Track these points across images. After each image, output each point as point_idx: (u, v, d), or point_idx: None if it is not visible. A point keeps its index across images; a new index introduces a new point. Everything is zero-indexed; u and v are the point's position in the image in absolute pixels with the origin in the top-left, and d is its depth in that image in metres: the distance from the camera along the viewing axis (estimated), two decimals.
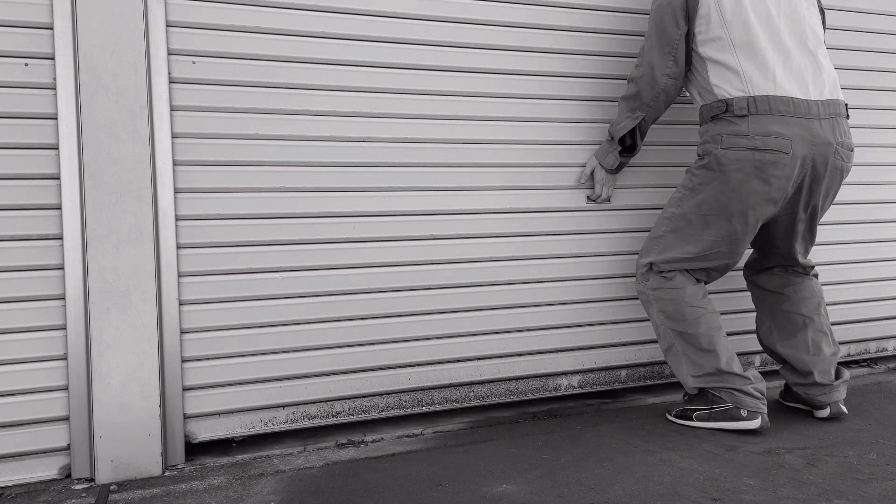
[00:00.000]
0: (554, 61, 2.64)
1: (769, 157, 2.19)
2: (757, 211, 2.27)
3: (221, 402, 2.24)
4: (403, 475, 1.98)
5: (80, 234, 2.04)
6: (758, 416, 2.24)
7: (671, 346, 2.39)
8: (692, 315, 2.33)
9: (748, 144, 2.20)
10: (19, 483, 2.01)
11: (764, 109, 2.19)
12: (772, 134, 2.18)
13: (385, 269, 2.42)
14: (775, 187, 2.22)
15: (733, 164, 2.22)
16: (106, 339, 2.03)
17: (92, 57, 2.03)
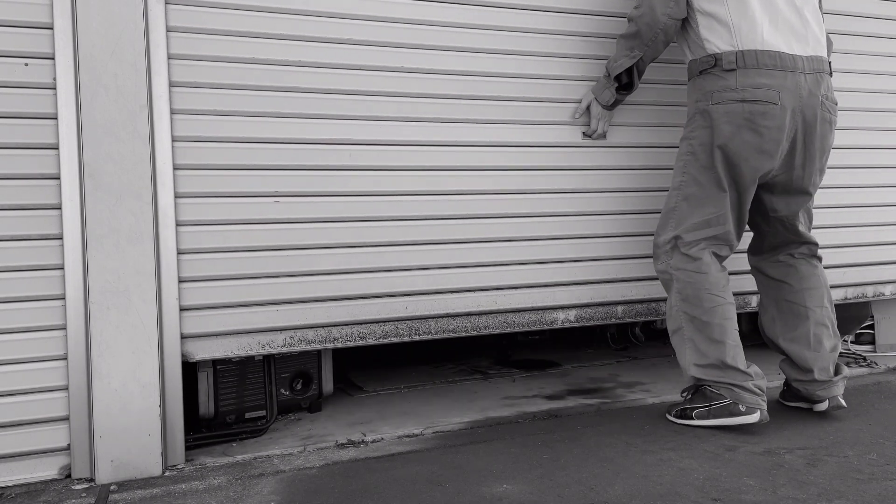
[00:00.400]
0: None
1: (759, 108, 2.26)
2: (751, 163, 2.31)
3: (218, 324, 2.22)
4: (403, 475, 1.98)
5: (80, 234, 2.04)
6: (756, 410, 2.25)
7: (679, 328, 2.40)
8: (710, 303, 2.33)
9: (737, 97, 2.27)
10: (19, 483, 2.01)
11: (752, 63, 2.26)
12: (759, 85, 2.25)
13: (382, 197, 2.43)
14: (767, 139, 2.28)
15: (724, 117, 2.29)
16: (106, 339, 2.03)
17: (92, 57, 2.03)
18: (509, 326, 2.61)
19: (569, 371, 3.36)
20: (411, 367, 3.60)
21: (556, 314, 2.69)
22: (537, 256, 2.65)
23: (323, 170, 2.36)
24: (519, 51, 2.61)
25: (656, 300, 2.84)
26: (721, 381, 2.30)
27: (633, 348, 3.82)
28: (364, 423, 2.53)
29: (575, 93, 2.69)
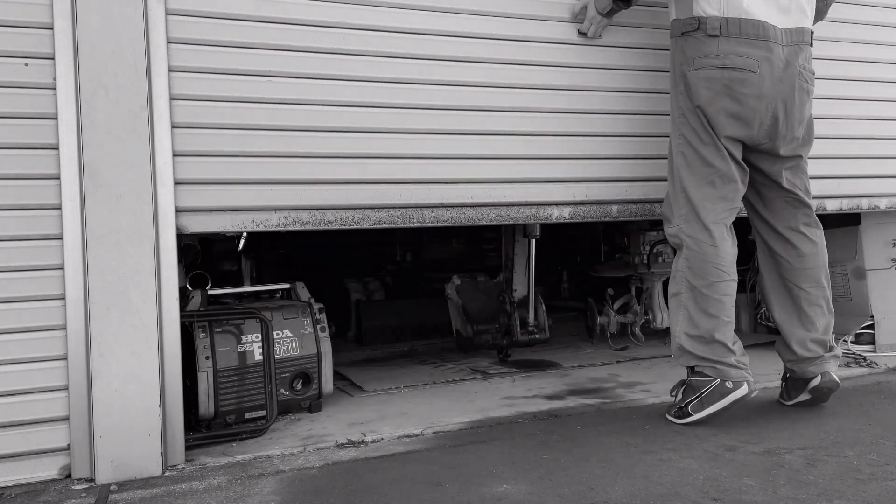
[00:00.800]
0: None
1: (737, 76, 2.31)
2: (727, 129, 2.34)
3: (213, 199, 2.22)
4: (403, 475, 1.98)
5: (80, 234, 2.04)
6: (743, 382, 2.30)
7: (678, 293, 2.42)
8: (714, 277, 2.35)
9: (717, 63, 2.32)
10: (19, 483, 2.01)
11: (734, 32, 2.30)
12: (739, 54, 2.30)
13: (376, 84, 2.43)
14: (745, 106, 2.32)
15: (703, 82, 2.34)
16: (106, 339, 2.02)
17: (92, 57, 2.03)
18: (503, 220, 2.61)
19: (569, 371, 3.36)
20: (411, 367, 3.60)
21: (551, 210, 2.68)
22: (532, 152, 2.64)
23: (318, 52, 2.34)
24: None
25: (651, 201, 2.83)
26: (705, 356, 2.34)
27: (633, 348, 3.82)
28: (364, 423, 2.53)
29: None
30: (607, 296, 3.98)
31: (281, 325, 2.62)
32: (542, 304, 3.46)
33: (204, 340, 2.43)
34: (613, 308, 3.86)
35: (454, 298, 3.70)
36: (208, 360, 2.41)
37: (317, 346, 2.67)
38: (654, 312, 3.83)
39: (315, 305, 2.75)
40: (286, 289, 2.96)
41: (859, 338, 3.51)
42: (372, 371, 3.52)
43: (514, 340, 3.33)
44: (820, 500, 1.71)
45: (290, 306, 2.70)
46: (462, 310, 3.63)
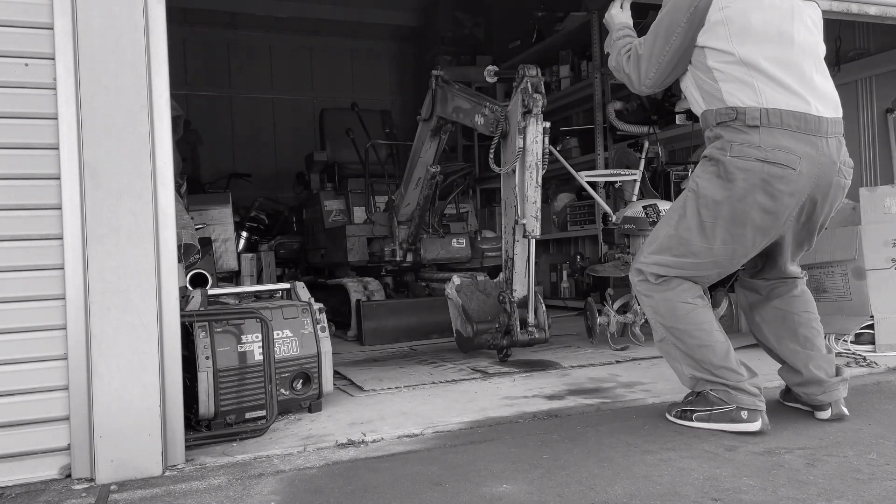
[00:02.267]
0: None
1: (777, 171, 2.16)
2: (756, 223, 2.23)
3: None
4: (403, 475, 1.98)
5: (80, 234, 2.04)
6: (758, 417, 2.24)
7: (663, 339, 2.41)
8: (682, 311, 2.33)
9: (758, 156, 2.16)
10: (20, 483, 2.01)
11: (776, 123, 2.16)
12: (782, 148, 2.16)
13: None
14: (780, 203, 2.20)
15: (741, 173, 2.18)
16: (106, 338, 2.02)
17: (92, 57, 2.03)
18: None
19: (569, 371, 3.36)
20: (411, 367, 3.60)
21: None
22: None
23: None
24: None
25: None
26: (717, 381, 2.29)
27: (633, 348, 3.82)
28: (364, 423, 2.53)
29: None
30: (607, 296, 3.98)
31: (281, 325, 2.62)
32: (542, 304, 3.46)
33: (204, 340, 2.43)
34: (613, 308, 3.86)
35: (454, 298, 3.70)
36: (208, 360, 2.41)
37: (317, 346, 2.67)
38: None
39: (315, 305, 2.75)
40: (286, 289, 2.96)
41: (859, 338, 3.51)
42: (372, 371, 3.52)
43: (514, 340, 3.33)
44: (820, 500, 1.71)
45: (290, 306, 2.70)
46: (462, 310, 3.63)
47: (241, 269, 5.43)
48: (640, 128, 5.33)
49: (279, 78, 9.16)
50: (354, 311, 4.63)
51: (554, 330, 4.31)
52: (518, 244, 3.35)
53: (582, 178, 4.18)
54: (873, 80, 4.46)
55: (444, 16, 8.41)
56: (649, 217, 3.75)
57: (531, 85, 3.19)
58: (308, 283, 3.29)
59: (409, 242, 4.86)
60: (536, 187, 3.23)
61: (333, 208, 5.53)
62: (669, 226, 2.38)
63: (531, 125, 3.20)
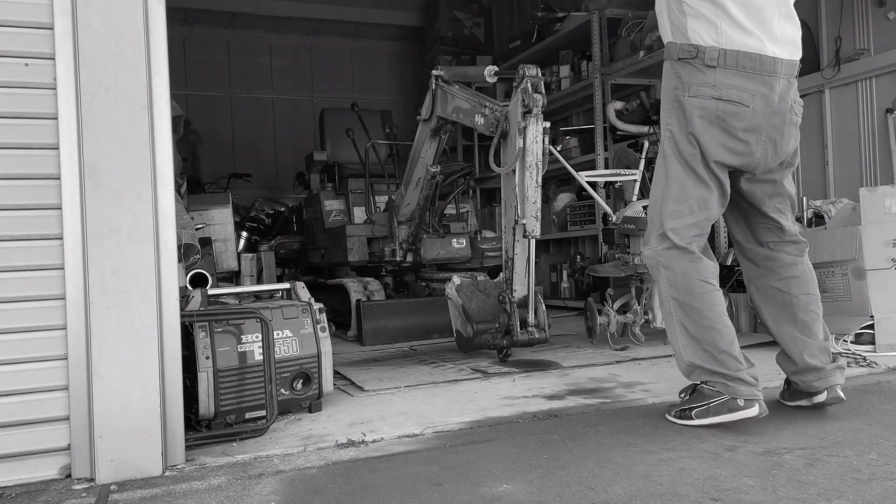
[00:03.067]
0: None
1: (731, 108, 2.31)
2: (719, 159, 2.34)
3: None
4: (403, 475, 1.98)
5: (80, 234, 2.04)
6: (755, 403, 2.26)
7: (669, 314, 2.41)
8: (700, 289, 2.34)
9: (713, 94, 2.32)
10: (20, 483, 2.01)
11: (732, 64, 2.30)
12: (736, 87, 2.31)
13: None
14: (736, 139, 2.33)
15: (697, 111, 2.33)
16: (106, 338, 2.02)
17: (92, 57, 2.03)
18: None
19: (569, 371, 3.35)
20: (411, 366, 3.60)
21: None
22: None
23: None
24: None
25: None
26: (716, 370, 2.30)
27: (633, 348, 3.82)
28: (364, 423, 2.53)
29: None
30: (607, 296, 3.98)
31: (281, 325, 2.62)
32: (542, 304, 3.46)
33: (204, 340, 2.43)
34: (613, 308, 3.86)
35: (454, 298, 3.70)
36: (208, 360, 2.41)
37: (317, 346, 2.67)
38: (654, 312, 3.83)
39: (315, 305, 2.75)
40: (286, 289, 2.96)
41: (859, 338, 3.51)
42: (372, 371, 3.52)
43: (514, 340, 3.33)
44: (820, 500, 1.71)
45: (290, 306, 2.69)
46: (462, 310, 3.63)
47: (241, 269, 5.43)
48: (640, 128, 5.33)
49: (279, 78, 9.17)
50: (354, 311, 4.63)
51: (554, 330, 4.31)
52: (518, 244, 3.35)
53: (582, 178, 4.18)
54: (873, 80, 4.46)
55: (444, 16, 8.41)
56: None
57: (531, 85, 3.19)
58: (308, 283, 3.29)
59: (409, 242, 4.86)
60: (536, 187, 3.23)
61: (333, 208, 5.53)
62: (665, 180, 2.43)
63: (531, 125, 3.20)
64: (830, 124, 4.73)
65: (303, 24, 9.02)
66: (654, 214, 2.47)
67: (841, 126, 4.67)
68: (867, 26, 4.46)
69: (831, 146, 4.73)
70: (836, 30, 4.61)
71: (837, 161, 4.71)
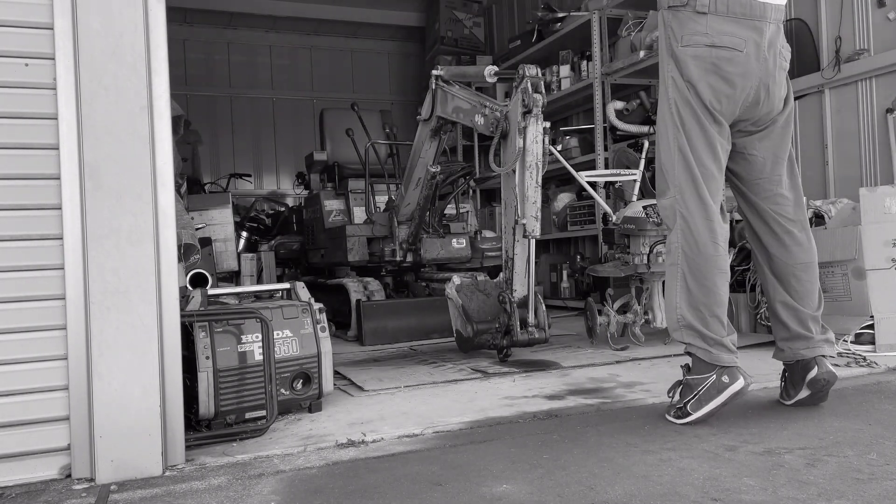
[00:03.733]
0: None
1: (725, 54, 2.34)
2: (716, 105, 2.36)
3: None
4: (403, 475, 1.98)
5: (80, 234, 2.04)
6: (738, 375, 2.31)
7: (675, 263, 2.42)
8: (711, 250, 2.37)
9: (706, 41, 2.34)
10: (19, 483, 2.01)
11: (722, 10, 2.33)
12: (727, 32, 2.33)
13: None
14: (732, 84, 2.35)
15: (692, 60, 2.36)
16: (106, 339, 2.02)
17: (92, 57, 2.03)
18: None
19: (569, 371, 3.35)
20: (411, 366, 3.60)
21: None
22: None
23: None
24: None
25: None
26: (703, 332, 2.34)
27: (633, 348, 3.82)
28: (364, 423, 2.53)
29: None
30: (607, 296, 3.98)
31: (281, 325, 2.62)
32: (542, 304, 3.46)
33: (204, 340, 2.43)
34: (613, 308, 3.86)
35: (454, 298, 3.70)
36: (208, 360, 2.41)
37: (317, 346, 2.67)
38: (654, 312, 3.84)
39: (315, 305, 2.75)
40: (286, 289, 2.97)
41: (859, 338, 3.51)
42: (372, 371, 3.52)
43: (514, 340, 3.33)
44: (820, 500, 1.71)
45: (290, 306, 2.70)
46: (462, 310, 3.63)
47: (241, 269, 5.43)
48: (640, 128, 5.33)
49: (279, 78, 9.17)
50: (354, 311, 4.63)
51: (554, 330, 4.31)
52: (518, 244, 3.35)
53: (582, 178, 4.18)
54: (873, 80, 4.46)
55: (444, 16, 8.42)
56: (649, 217, 3.75)
57: (531, 85, 3.19)
58: (308, 283, 3.30)
59: (410, 242, 4.86)
60: (536, 187, 3.23)
61: (333, 208, 5.53)
62: (677, 129, 2.41)
63: (531, 125, 3.20)
64: (830, 124, 4.72)
65: (303, 24, 9.02)
66: (666, 163, 2.46)
67: (841, 126, 4.67)
68: (867, 26, 4.46)
69: (831, 146, 4.72)
70: (836, 30, 4.61)
71: (837, 161, 4.71)
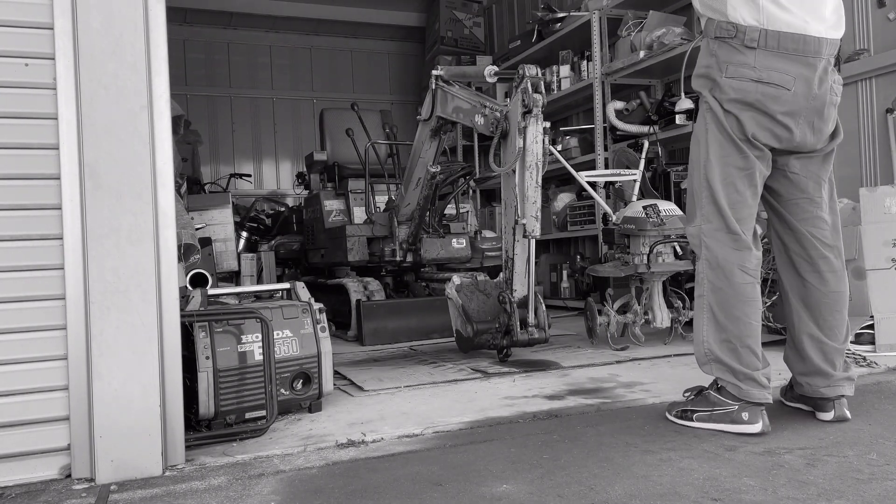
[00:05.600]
0: None
1: (771, 91, 2.22)
2: (757, 137, 2.25)
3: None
4: (403, 475, 1.98)
5: (80, 234, 2.04)
6: (759, 418, 2.22)
7: (701, 295, 2.33)
8: (739, 278, 2.27)
9: (752, 76, 2.22)
10: (19, 483, 2.01)
11: (773, 45, 2.20)
12: (777, 69, 2.21)
13: None
14: (774, 122, 2.24)
15: (735, 92, 2.24)
16: (106, 339, 2.02)
17: (92, 57, 2.03)
18: None
19: (569, 371, 3.35)
20: (411, 367, 3.60)
21: None
22: None
23: None
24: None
25: None
26: (731, 366, 2.25)
27: (633, 348, 3.82)
28: (364, 423, 2.53)
29: None
30: (607, 296, 3.98)
31: (281, 325, 2.62)
32: (542, 304, 3.46)
33: (204, 340, 2.43)
34: (613, 308, 3.86)
35: (454, 298, 3.70)
36: (208, 360, 2.41)
37: (317, 346, 2.67)
38: (654, 312, 3.83)
39: (315, 305, 2.75)
40: (286, 289, 2.96)
41: (859, 338, 3.51)
42: (372, 371, 3.52)
43: (514, 340, 3.33)
44: (820, 500, 1.71)
45: (290, 306, 2.70)
46: (462, 310, 3.63)
47: (241, 269, 5.43)
48: (640, 128, 5.33)
49: (279, 78, 9.17)
50: (354, 311, 4.63)
51: (554, 330, 4.31)
52: (518, 244, 3.35)
53: (582, 178, 4.18)
54: (873, 80, 4.46)
55: (444, 16, 8.42)
56: (649, 217, 3.75)
57: (531, 85, 3.19)
58: (308, 283, 3.30)
59: (409, 242, 4.86)
60: (536, 187, 3.23)
61: (333, 208, 5.53)
62: (709, 153, 2.31)
63: (531, 125, 3.20)
64: None
65: (303, 24, 9.02)
66: (696, 189, 2.36)
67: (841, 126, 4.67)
68: (867, 26, 4.46)
69: None
70: None
71: (837, 161, 4.65)
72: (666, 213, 3.77)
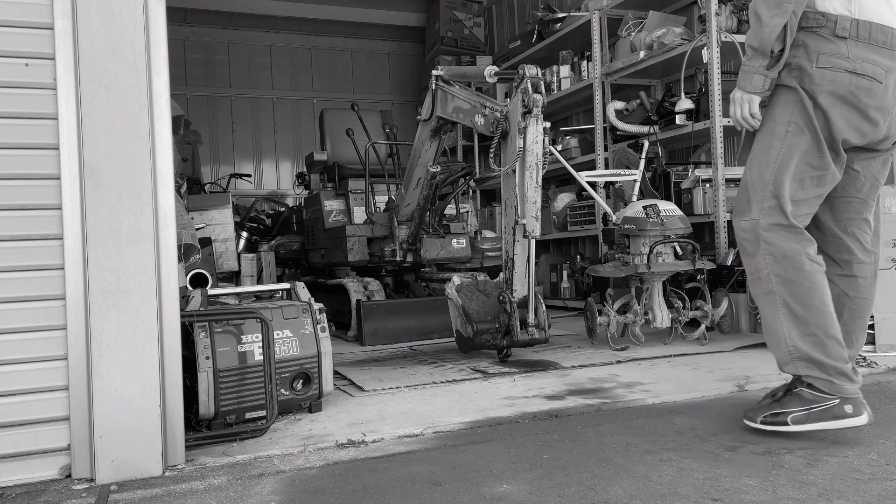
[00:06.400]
0: None
1: (865, 84, 2.14)
2: (843, 136, 2.17)
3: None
4: (403, 475, 1.98)
5: (80, 234, 2.04)
6: (863, 409, 2.11)
7: (771, 291, 2.19)
8: (810, 267, 2.16)
9: (847, 67, 2.13)
10: (20, 483, 2.01)
11: (864, 36, 2.13)
12: (870, 61, 2.14)
13: None
14: (866, 117, 2.17)
15: (828, 84, 2.14)
16: (106, 339, 2.02)
17: (92, 57, 2.03)
18: None
19: (569, 371, 3.35)
20: (411, 367, 3.60)
21: None
22: None
23: None
24: None
25: None
26: (820, 360, 2.13)
27: (633, 348, 3.82)
28: (364, 423, 2.53)
29: None
30: (607, 296, 3.98)
31: (281, 325, 2.62)
32: (542, 304, 3.46)
33: (204, 340, 2.43)
34: (613, 308, 3.86)
35: (454, 298, 3.70)
36: (208, 360, 2.41)
37: (317, 346, 2.67)
38: (654, 312, 3.84)
39: (315, 305, 2.75)
40: (286, 289, 2.96)
41: None
42: (372, 371, 3.52)
43: (514, 340, 3.33)
44: (820, 500, 1.71)
45: (290, 306, 2.70)
46: (462, 310, 3.63)
47: (241, 270, 5.43)
48: (640, 128, 5.33)
49: (279, 78, 9.17)
50: (354, 311, 4.63)
51: (554, 330, 4.32)
52: (518, 244, 3.35)
53: (582, 178, 4.18)
54: None
55: (444, 16, 8.42)
56: (649, 217, 3.75)
57: (531, 85, 3.19)
58: (308, 284, 3.30)
59: (410, 242, 4.87)
60: (536, 187, 3.23)
61: (333, 208, 5.53)
62: (783, 142, 2.20)
63: (531, 125, 3.20)
64: None
65: (303, 24, 9.02)
66: (758, 182, 2.23)
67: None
68: None
69: None
70: None
71: None
72: (666, 214, 3.77)
